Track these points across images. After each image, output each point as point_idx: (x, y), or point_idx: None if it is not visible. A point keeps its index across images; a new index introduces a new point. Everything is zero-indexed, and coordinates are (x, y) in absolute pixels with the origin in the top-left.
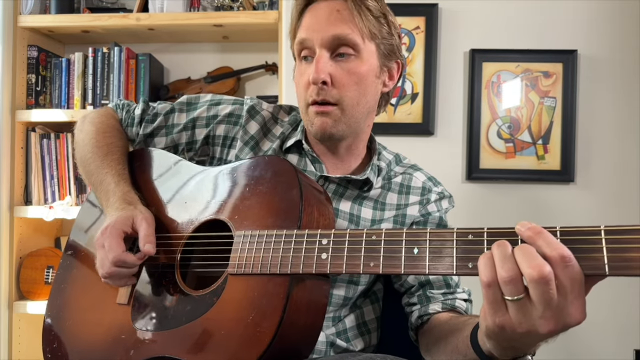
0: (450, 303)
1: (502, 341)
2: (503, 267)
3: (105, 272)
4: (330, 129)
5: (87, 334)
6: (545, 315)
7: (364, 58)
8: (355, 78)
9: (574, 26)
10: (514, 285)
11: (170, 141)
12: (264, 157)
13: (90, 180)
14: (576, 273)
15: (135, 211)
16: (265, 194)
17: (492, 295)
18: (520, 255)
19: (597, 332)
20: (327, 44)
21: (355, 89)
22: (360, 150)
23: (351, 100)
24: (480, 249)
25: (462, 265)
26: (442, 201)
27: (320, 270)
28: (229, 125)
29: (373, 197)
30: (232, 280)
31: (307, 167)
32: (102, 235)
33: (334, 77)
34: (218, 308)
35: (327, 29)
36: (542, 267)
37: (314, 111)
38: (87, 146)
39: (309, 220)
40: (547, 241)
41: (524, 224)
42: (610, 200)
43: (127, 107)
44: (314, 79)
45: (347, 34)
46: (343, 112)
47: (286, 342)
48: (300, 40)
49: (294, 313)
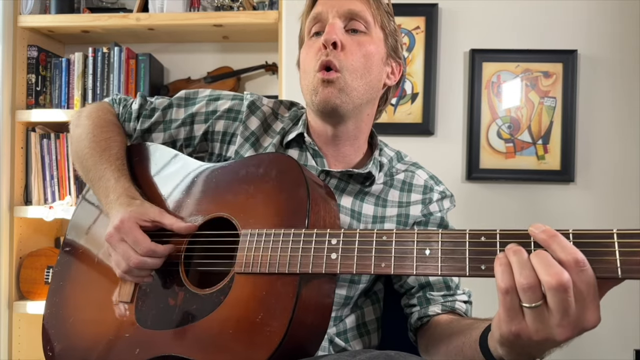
0: (450, 305)
1: (516, 348)
2: (521, 274)
3: (133, 263)
4: (335, 100)
5: (89, 332)
6: (563, 323)
7: (373, 38)
8: (364, 50)
9: (574, 26)
10: (533, 292)
11: (168, 137)
12: (268, 155)
13: (87, 176)
14: (590, 277)
15: (146, 205)
16: (271, 192)
17: (510, 302)
18: (537, 262)
19: (597, 332)
20: (341, 15)
21: (361, 60)
22: (361, 143)
23: (355, 69)
24: (493, 250)
25: (474, 267)
26: (444, 201)
27: (331, 270)
28: (228, 120)
29: (375, 193)
30: (239, 279)
31: (308, 162)
32: (119, 231)
33: (344, 44)
34: (225, 307)
35: (343, 3)
36: (561, 274)
37: (320, 78)
38: (84, 141)
39: (316, 219)
40: (561, 245)
41: (538, 227)
42: (610, 200)
43: (124, 102)
44: (327, 40)
45: (361, 9)
46: (345, 82)
47: (295, 341)
48: (316, 13)
49: (303, 313)
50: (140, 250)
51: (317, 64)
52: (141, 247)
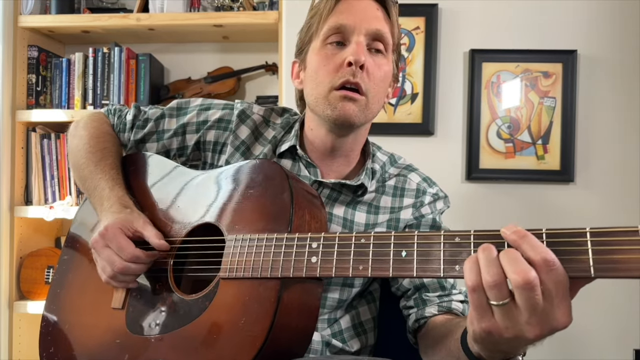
0: (446, 305)
1: (489, 344)
2: (488, 271)
3: (117, 268)
4: (354, 118)
5: (83, 339)
6: (531, 321)
7: (389, 60)
8: (382, 74)
9: (574, 26)
10: (499, 290)
11: (161, 147)
12: (255, 161)
13: (84, 186)
14: (560, 276)
15: (134, 214)
16: (256, 197)
17: (478, 300)
18: (505, 260)
19: (597, 332)
20: (368, 34)
21: (380, 85)
22: (356, 154)
23: (375, 94)
24: (467, 251)
25: (449, 268)
26: (436, 202)
27: (310, 273)
28: (218, 130)
29: (367, 201)
30: (223, 284)
31: (301, 172)
32: (103, 237)
33: (367, 66)
34: (210, 312)
35: (370, 22)
36: (527, 272)
37: (340, 95)
38: (80, 152)
39: (300, 224)
40: (531, 244)
41: (510, 227)
42: (610, 200)
43: (118, 113)
44: (356, 60)
45: (386, 32)
46: (367, 104)
47: (278, 345)
48: (338, 25)
49: (285, 316)
50: (124, 256)
51: (338, 81)
52: (125, 252)
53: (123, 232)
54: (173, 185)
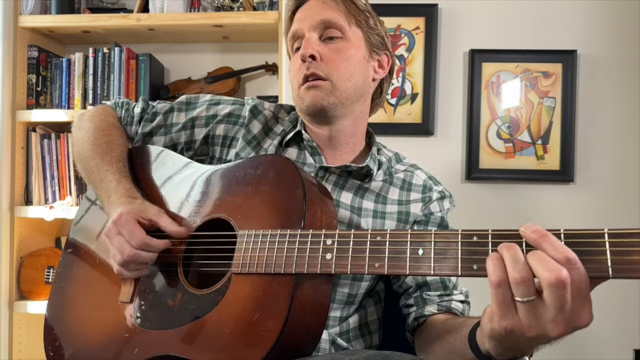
0: (446, 305)
1: (505, 342)
2: (515, 268)
3: (126, 255)
4: (322, 101)
5: (89, 332)
6: (557, 319)
7: (351, 41)
8: (344, 56)
9: (574, 26)
10: (526, 286)
11: (169, 140)
12: (266, 156)
13: (90, 179)
14: (583, 275)
15: (146, 204)
16: (268, 193)
17: (502, 296)
18: (534, 260)
19: (597, 332)
20: (315, 27)
21: (343, 65)
22: (357, 140)
23: (341, 75)
24: (485, 250)
25: (466, 267)
26: (443, 201)
27: (325, 270)
28: (228, 125)
29: (375, 190)
30: (236, 279)
31: (306, 160)
32: (116, 224)
33: (322, 55)
34: (222, 307)
35: (315, 16)
36: (559, 270)
37: (305, 87)
38: (86, 144)
39: (312, 220)
40: (552, 244)
41: (529, 227)
42: (610, 200)
43: (126, 106)
44: (303, 55)
45: (333, 17)
46: (333, 86)
47: (291, 341)
48: (292, 32)
49: (299, 312)
50: (134, 242)
51: (300, 78)
52: (135, 238)
53: (136, 220)
54: (181, 179)
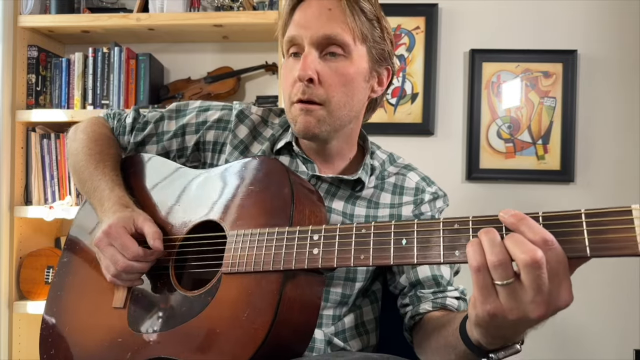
0: (440, 302)
1: (491, 329)
2: (492, 251)
3: (120, 267)
4: (313, 129)
5: (84, 339)
6: (536, 300)
7: (354, 59)
8: (343, 79)
9: (574, 26)
10: (504, 269)
11: (161, 148)
12: (255, 158)
13: (83, 189)
14: (560, 255)
15: (135, 212)
16: (257, 193)
17: (482, 281)
18: (510, 242)
19: (597, 332)
20: (316, 42)
21: (342, 90)
22: (349, 152)
23: (337, 102)
24: (466, 236)
25: (448, 254)
26: (435, 201)
27: (312, 265)
28: (218, 130)
29: (366, 197)
30: (226, 279)
31: (298, 168)
32: (107, 236)
33: (321, 76)
34: (213, 307)
35: (318, 28)
36: (534, 251)
37: (299, 108)
38: (79, 155)
39: (300, 218)
40: (529, 226)
41: (507, 211)
42: (610, 200)
43: (118, 116)
44: (301, 76)
45: (337, 33)
46: (328, 113)
47: (280, 339)
48: (290, 37)
49: (287, 310)
50: (128, 254)
51: (294, 97)
52: (129, 251)
53: (126, 231)
54: (173, 185)
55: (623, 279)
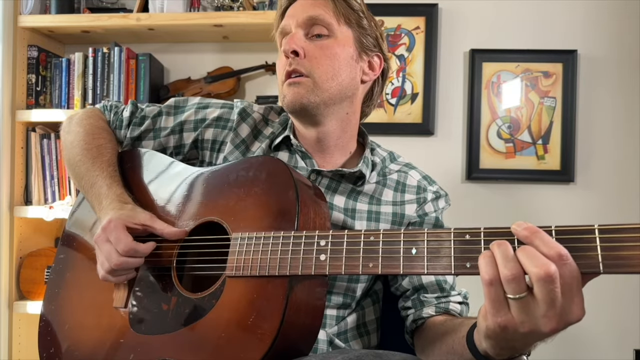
0: (443, 306)
1: (501, 341)
2: (506, 265)
3: (114, 264)
4: (301, 99)
5: (84, 339)
6: (549, 314)
7: (338, 38)
8: (328, 52)
9: (574, 26)
10: (517, 283)
11: (158, 145)
12: (257, 158)
13: (80, 184)
14: (574, 270)
15: (137, 209)
16: (260, 195)
17: (494, 294)
18: (523, 255)
19: (597, 332)
20: (301, 23)
21: (327, 63)
22: (348, 144)
23: (324, 73)
24: (478, 248)
25: (460, 265)
26: (438, 200)
27: (320, 271)
28: (217, 129)
29: (368, 193)
30: (230, 282)
31: (297, 163)
32: (105, 231)
33: (306, 51)
34: (217, 310)
35: (302, 12)
36: (548, 265)
37: (287, 84)
38: (75, 148)
39: (305, 221)
40: (543, 240)
41: (520, 224)
42: (610, 200)
43: (115, 109)
44: (286, 50)
45: (320, 14)
46: (315, 84)
47: (286, 342)
48: (281, 28)
49: (294, 314)
50: (120, 248)
51: (283, 75)
52: (122, 244)
53: (125, 227)
54: (172, 183)
55: (623, 279)
